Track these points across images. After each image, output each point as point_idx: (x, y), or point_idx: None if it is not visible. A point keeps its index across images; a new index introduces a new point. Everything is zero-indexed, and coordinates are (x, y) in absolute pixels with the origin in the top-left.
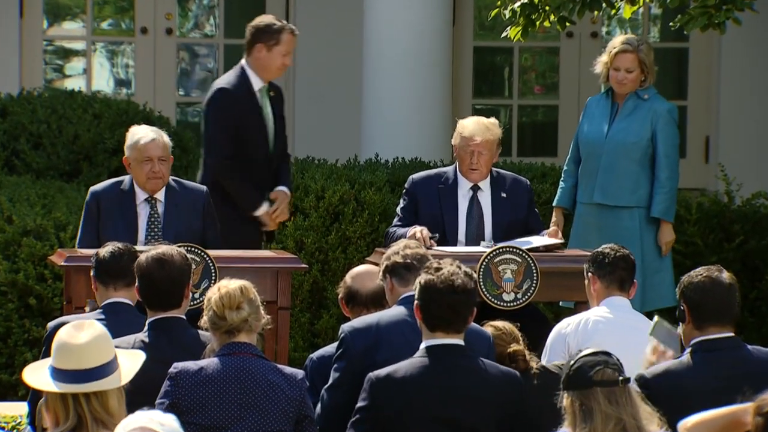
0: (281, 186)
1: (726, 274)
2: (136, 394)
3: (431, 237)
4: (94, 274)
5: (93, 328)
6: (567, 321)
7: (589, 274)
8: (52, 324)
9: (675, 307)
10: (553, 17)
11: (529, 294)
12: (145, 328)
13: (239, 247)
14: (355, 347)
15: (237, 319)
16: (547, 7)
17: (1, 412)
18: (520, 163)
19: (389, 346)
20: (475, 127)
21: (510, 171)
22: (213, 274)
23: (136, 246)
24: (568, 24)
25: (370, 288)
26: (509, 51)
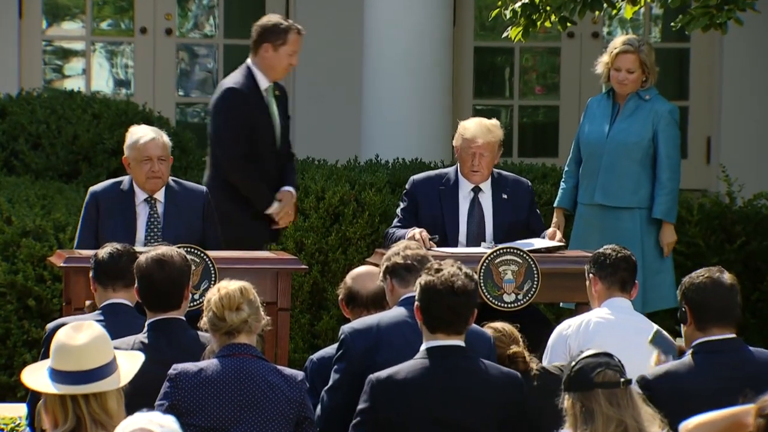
0: (287, 186)
1: (727, 275)
2: (136, 395)
3: (431, 238)
4: (92, 275)
5: (92, 330)
6: (568, 322)
7: (591, 275)
8: (51, 325)
9: (676, 309)
10: (554, 17)
11: (530, 295)
12: (145, 329)
13: (252, 246)
14: (355, 348)
15: (237, 320)
16: (548, 8)
17: (0, 414)
18: (521, 164)
19: (389, 348)
20: (476, 128)
21: (511, 172)
22: (213, 275)
23: (136, 247)
24: (569, 24)
25: (371, 289)
26: (510, 51)
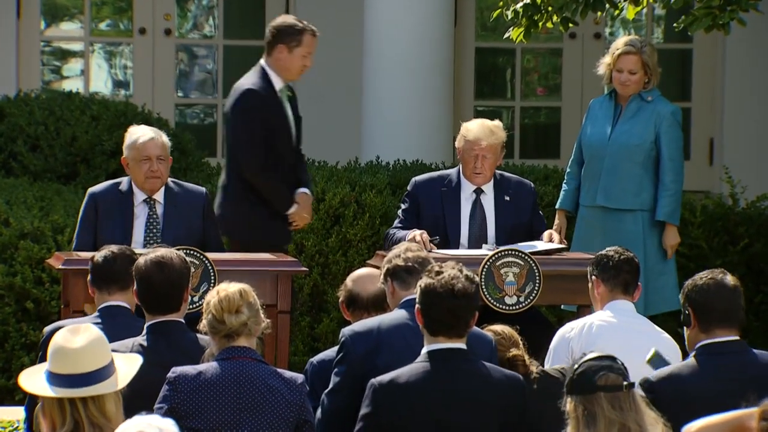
0: (303, 188)
1: (730, 277)
2: (135, 398)
3: (431, 240)
4: (90, 279)
5: (89, 332)
6: (570, 325)
7: (593, 277)
8: (49, 329)
9: (679, 311)
10: (555, 18)
11: (531, 297)
12: (144, 331)
13: (272, 248)
14: (355, 351)
15: (236, 323)
16: (549, 8)
17: None
18: (523, 165)
19: (390, 350)
20: (479, 130)
21: (512, 173)
22: (212, 278)
23: (135, 248)
24: (570, 25)
25: (371, 291)
26: (511, 52)
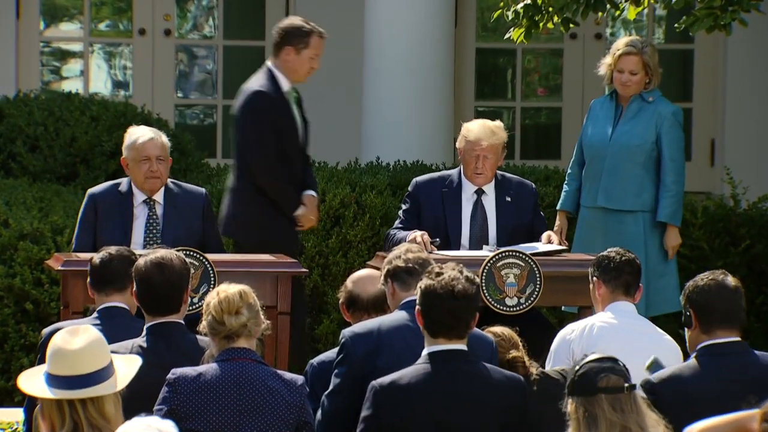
0: (310, 190)
1: (731, 278)
2: (134, 399)
3: (432, 242)
4: (89, 281)
5: (88, 334)
6: (571, 327)
7: (594, 278)
8: (47, 330)
9: (680, 313)
10: (556, 18)
11: (532, 299)
12: (144, 333)
13: (285, 250)
14: (356, 353)
15: (236, 324)
16: (550, 9)
17: None
18: (523, 166)
19: (390, 352)
20: (480, 130)
21: (513, 174)
22: (212, 279)
23: (135, 249)
24: (571, 25)
25: (371, 292)
26: (512, 52)
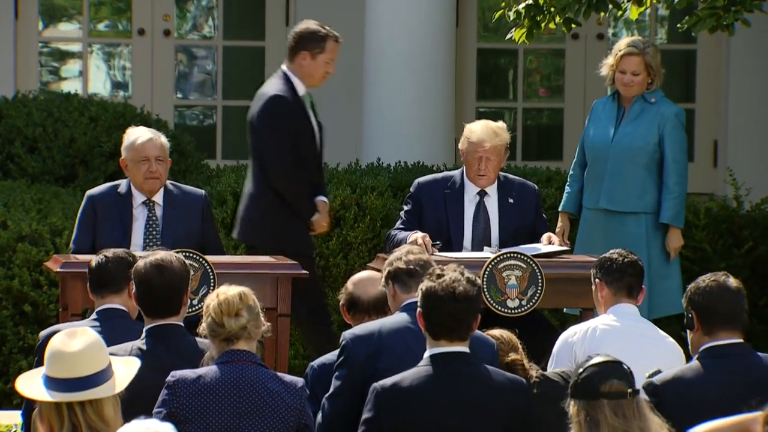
0: (321, 196)
1: (733, 279)
2: (133, 402)
3: (434, 244)
4: (88, 284)
5: (86, 336)
6: (573, 329)
7: (597, 280)
8: (45, 333)
9: (683, 315)
10: (558, 19)
11: (533, 301)
12: (143, 335)
13: (299, 254)
14: (356, 355)
15: (236, 326)
16: (552, 9)
17: None
18: (525, 167)
19: (391, 354)
20: (483, 132)
21: (515, 175)
22: (212, 281)
23: (134, 250)
24: (573, 25)
25: (372, 294)
26: (513, 53)
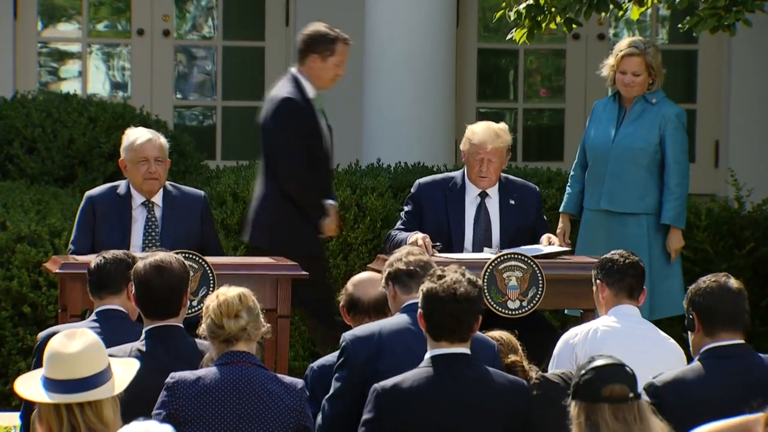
0: (330, 200)
1: (734, 280)
2: (133, 403)
3: (434, 245)
4: (87, 285)
5: (85, 337)
6: (575, 330)
7: (597, 281)
8: (43, 334)
9: (684, 316)
10: (559, 19)
11: (534, 302)
12: (142, 336)
13: (313, 256)
14: (356, 356)
15: (235, 327)
16: (553, 9)
17: None
18: (526, 168)
19: (391, 355)
20: (485, 134)
21: (515, 176)
22: (211, 282)
23: (134, 252)
24: (574, 26)
25: (372, 295)
26: (514, 53)
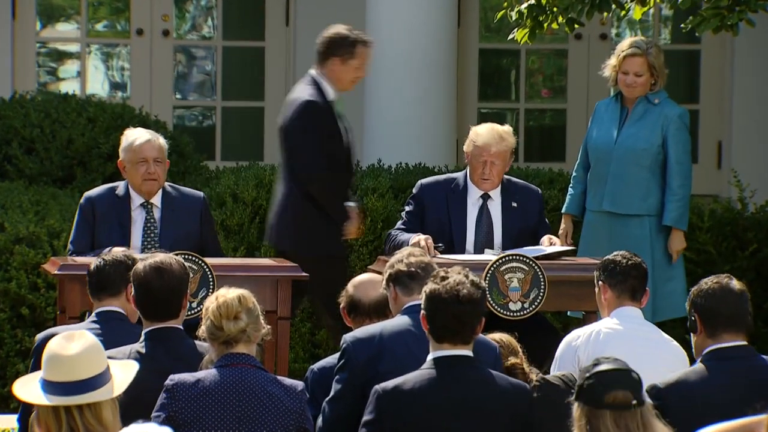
0: (352, 202)
1: (736, 281)
2: (132, 405)
3: (436, 247)
4: (87, 287)
5: (84, 339)
6: (577, 333)
7: (600, 282)
8: (41, 336)
9: (687, 318)
10: (561, 19)
11: (536, 303)
12: (142, 338)
13: (334, 256)
14: (357, 358)
15: (235, 329)
16: (555, 9)
17: None
18: (527, 169)
19: (392, 357)
20: (489, 136)
21: (517, 177)
22: (211, 283)
23: (133, 253)
24: (576, 26)
25: (373, 297)
26: (516, 53)
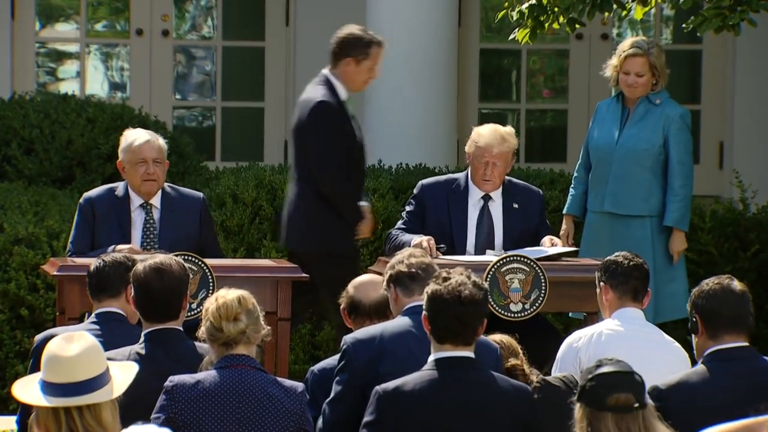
0: (364, 202)
1: (737, 282)
2: (132, 407)
3: (438, 248)
4: (87, 288)
5: (83, 340)
6: (578, 334)
7: (601, 283)
8: (40, 337)
9: (688, 319)
10: (562, 19)
11: (537, 304)
12: (141, 339)
13: (347, 256)
14: (357, 359)
15: (234, 330)
16: (556, 9)
17: None
18: (528, 169)
19: (393, 358)
20: (491, 137)
21: (517, 177)
22: (210, 284)
23: (136, 248)
24: (577, 26)
25: (374, 298)
26: (517, 53)
